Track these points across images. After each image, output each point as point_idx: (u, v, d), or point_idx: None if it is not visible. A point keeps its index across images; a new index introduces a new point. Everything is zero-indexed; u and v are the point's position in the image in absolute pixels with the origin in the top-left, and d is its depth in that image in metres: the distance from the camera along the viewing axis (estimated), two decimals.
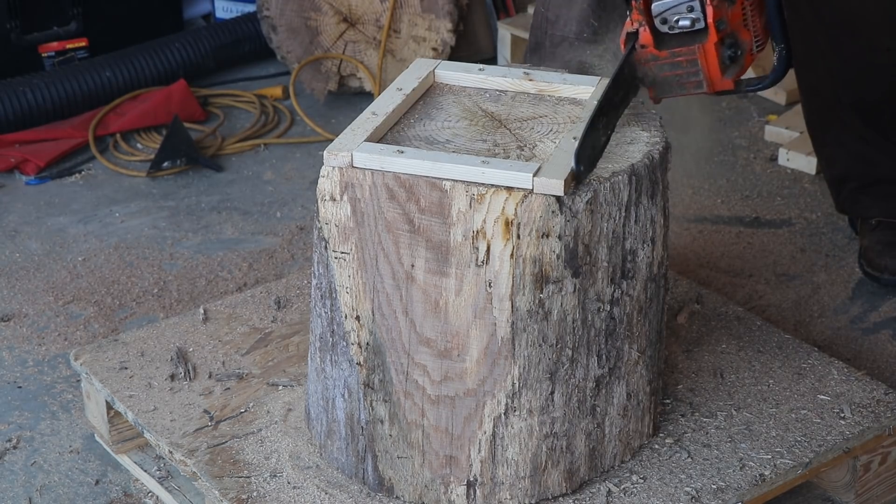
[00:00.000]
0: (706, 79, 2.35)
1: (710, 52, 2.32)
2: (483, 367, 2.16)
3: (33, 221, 3.65)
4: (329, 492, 2.30)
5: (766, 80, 2.40)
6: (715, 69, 2.34)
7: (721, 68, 2.34)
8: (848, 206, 3.29)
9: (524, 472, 2.23)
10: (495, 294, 2.12)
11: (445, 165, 2.09)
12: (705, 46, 2.31)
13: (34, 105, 4.03)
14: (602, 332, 2.21)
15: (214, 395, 2.53)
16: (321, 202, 2.17)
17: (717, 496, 2.27)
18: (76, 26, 4.32)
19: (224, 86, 4.41)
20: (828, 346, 3.00)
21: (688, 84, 2.36)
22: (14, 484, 2.66)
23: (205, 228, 3.59)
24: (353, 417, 2.27)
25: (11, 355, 3.06)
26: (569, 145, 2.15)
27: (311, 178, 3.84)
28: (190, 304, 3.23)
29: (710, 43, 2.31)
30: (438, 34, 4.19)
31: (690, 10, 2.29)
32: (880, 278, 3.22)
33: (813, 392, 2.52)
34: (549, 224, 2.08)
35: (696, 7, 2.29)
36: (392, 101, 2.29)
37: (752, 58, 2.38)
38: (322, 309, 2.26)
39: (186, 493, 2.57)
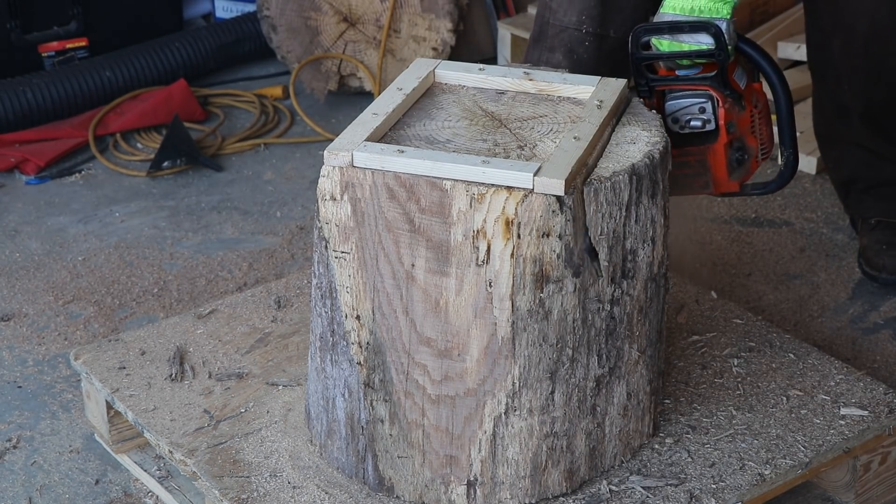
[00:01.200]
0: (713, 179, 2.42)
1: (719, 153, 2.39)
2: (483, 367, 2.16)
3: (33, 221, 3.65)
4: (329, 491, 2.30)
5: (771, 185, 2.47)
6: (722, 171, 2.40)
7: (728, 170, 2.41)
8: (853, 207, 3.30)
9: (524, 471, 2.23)
10: (496, 294, 2.12)
11: (446, 165, 2.09)
12: (714, 147, 2.38)
13: (34, 105, 4.03)
14: (602, 332, 2.21)
15: (214, 395, 2.53)
16: (321, 202, 2.17)
17: (717, 496, 2.27)
18: (76, 26, 4.32)
19: (224, 86, 4.41)
20: (828, 346, 3.01)
21: (695, 183, 2.44)
22: (14, 484, 2.66)
23: (205, 228, 3.59)
24: (353, 417, 2.27)
25: (11, 355, 3.06)
26: (569, 145, 2.15)
27: (311, 178, 3.84)
28: (190, 304, 3.23)
29: (719, 144, 2.38)
30: (438, 34, 4.19)
31: (702, 112, 2.37)
32: (878, 277, 3.22)
33: (813, 392, 2.52)
34: (550, 224, 2.08)
35: (708, 109, 2.36)
36: (392, 100, 2.29)
37: (757, 164, 2.45)
38: (322, 308, 2.26)
39: (186, 493, 2.57)
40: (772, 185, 2.48)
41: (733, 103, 2.39)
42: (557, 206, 2.07)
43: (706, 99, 2.38)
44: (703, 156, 2.41)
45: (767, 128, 2.47)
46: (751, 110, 2.42)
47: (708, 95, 2.38)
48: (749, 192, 2.47)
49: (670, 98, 2.40)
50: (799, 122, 3.92)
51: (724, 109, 2.37)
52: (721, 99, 2.37)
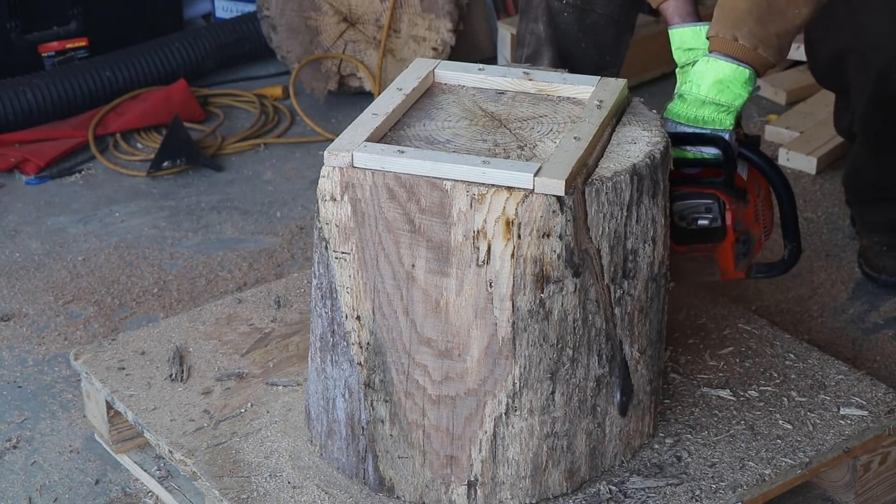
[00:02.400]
0: (720, 271, 2.47)
1: (727, 250, 2.44)
2: (484, 367, 2.16)
3: (33, 221, 3.65)
4: (329, 492, 2.30)
5: (775, 270, 2.54)
6: (729, 264, 2.46)
7: (734, 263, 2.46)
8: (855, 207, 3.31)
9: (525, 471, 2.23)
10: (496, 294, 2.12)
11: (446, 165, 2.09)
12: (722, 246, 2.43)
13: (34, 105, 4.03)
14: (602, 332, 2.21)
15: (214, 395, 2.53)
16: (322, 202, 2.17)
17: (717, 496, 2.27)
18: (76, 26, 4.32)
19: (224, 86, 4.41)
20: (828, 346, 3.00)
21: (702, 274, 2.50)
22: (14, 484, 2.66)
23: (205, 228, 3.59)
24: (353, 417, 2.27)
25: (11, 355, 3.06)
26: (569, 145, 2.15)
27: (311, 178, 3.84)
28: (190, 304, 3.23)
29: (727, 243, 2.42)
30: (438, 34, 4.19)
31: (708, 211, 2.40)
32: (878, 279, 3.22)
33: (813, 392, 2.52)
34: (550, 224, 2.08)
35: (714, 209, 2.40)
36: (392, 101, 2.29)
37: (760, 247, 2.50)
38: (322, 309, 2.26)
39: (186, 493, 2.57)
40: (775, 271, 2.54)
41: (738, 201, 2.43)
42: (558, 206, 2.07)
43: (712, 200, 2.41)
44: (710, 253, 2.46)
45: (769, 211, 2.52)
46: (754, 201, 2.47)
47: (714, 196, 2.41)
48: (754, 275, 2.55)
49: (677, 197, 2.43)
50: (799, 121, 3.93)
51: (731, 211, 2.41)
52: (728, 201, 2.41)
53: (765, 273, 2.55)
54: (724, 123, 2.41)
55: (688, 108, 2.42)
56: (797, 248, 2.51)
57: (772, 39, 2.38)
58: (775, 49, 2.40)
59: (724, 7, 2.41)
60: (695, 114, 2.41)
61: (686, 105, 2.42)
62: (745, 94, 2.40)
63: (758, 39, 2.38)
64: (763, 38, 2.38)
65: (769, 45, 2.38)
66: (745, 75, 2.38)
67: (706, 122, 2.41)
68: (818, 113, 3.94)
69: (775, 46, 2.39)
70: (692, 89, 2.41)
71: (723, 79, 2.38)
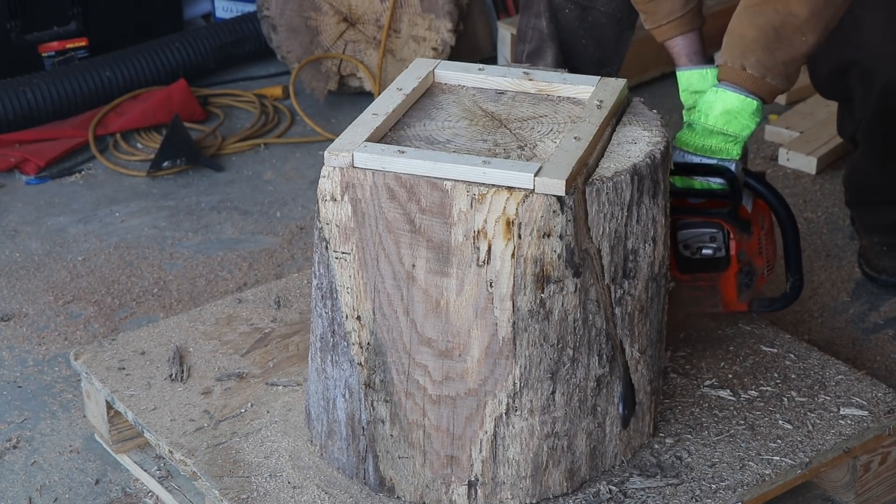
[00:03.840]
0: (723, 302, 2.52)
1: (730, 280, 2.49)
2: (484, 367, 2.16)
3: (33, 221, 3.65)
4: (329, 492, 2.30)
5: (777, 304, 2.58)
6: (732, 295, 2.51)
7: (737, 294, 2.50)
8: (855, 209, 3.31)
9: (525, 471, 2.23)
10: (496, 294, 2.12)
11: (446, 165, 2.09)
12: (726, 275, 2.48)
13: (34, 105, 4.03)
14: (603, 332, 2.21)
15: (214, 395, 2.53)
16: (322, 202, 2.17)
17: (717, 496, 2.27)
18: (76, 26, 4.32)
19: (224, 86, 4.41)
20: (828, 346, 3.00)
21: (705, 304, 2.55)
22: (14, 483, 2.66)
23: (205, 228, 3.59)
24: (353, 417, 2.27)
25: (11, 355, 3.06)
26: (569, 145, 2.15)
27: (311, 178, 3.84)
28: (190, 304, 3.23)
29: (730, 273, 2.47)
30: (438, 34, 4.19)
31: (712, 241, 2.45)
32: (878, 279, 3.23)
33: (813, 392, 2.52)
34: (551, 224, 2.08)
35: (719, 238, 2.44)
36: (392, 101, 2.29)
37: (763, 280, 2.54)
38: (323, 309, 2.26)
39: (186, 493, 2.57)
40: (777, 305, 2.58)
41: (742, 232, 2.46)
42: (558, 206, 2.07)
43: (717, 229, 2.46)
44: (714, 282, 2.51)
45: (772, 245, 2.56)
46: (758, 233, 2.50)
47: (719, 226, 2.45)
48: (756, 309, 2.59)
49: (682, 226, 2.47)
50: (799, 121, 3.93)
51: (735, 241, 2.45)
52: (732, 231, 2.45)
53: (767, 307, 2.59)
54: (731, 153, 2.45)
55: (696, 138, 2.46)
56: (799, 282, 2.54)
57: (779, 68, 2.42)
58: (783, 77, 2.43)
59: (733, 35, 2.44)
60: (703, 143, 2.45)
61: (694, 134, 2.46)
62: (753, 125, 2.44)
63: (765, 68, 2.41)
64: (771, 67, 2.41)
65: (777, 73, 2.42)
66: (753, 107, 2.42)
67: (714, 152, 2.45)
68: (818, 113, 3.94)
69: (783, 74, 2.43)
70: (700, 119, 2.45)
71: (731, 109, 2.42)
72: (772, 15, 2.40)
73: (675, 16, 2.63)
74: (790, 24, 2.40)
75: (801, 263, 2.53)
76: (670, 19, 2.63)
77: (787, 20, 2.40)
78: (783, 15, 2.40)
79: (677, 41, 2.65)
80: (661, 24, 2.64)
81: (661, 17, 2.64)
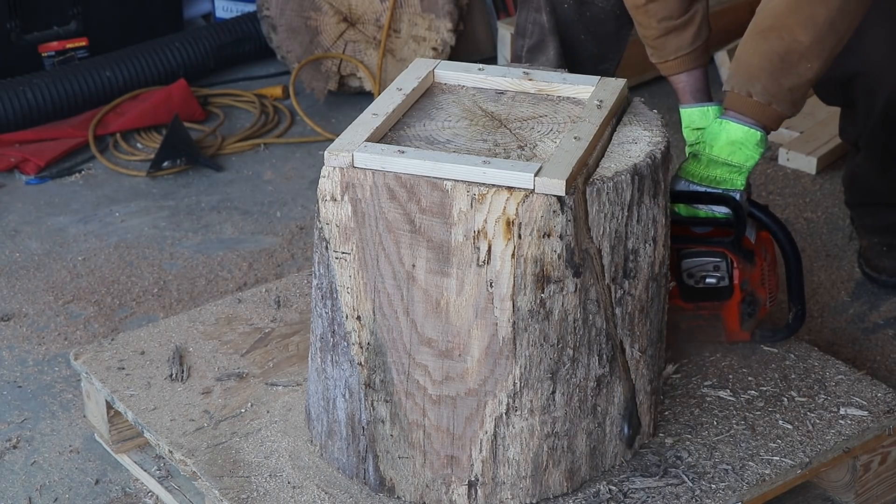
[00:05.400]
0: (725, 331, 2.54)
1: (733, 309, 2.51)
2: (484, 367, 2.16)
3: (33, 221, 3.65)
4: (329, 492, 2.30)
5: (779, 335, 2.61)
6: (735, 324, 2.53)
7: (740, 323, 2.52)
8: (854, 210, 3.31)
9: (525, 471, 2.23)
10: (496, 294, 2.12)
11: (446, 165, 2.09)
12: (728, 304, 2.50)
13: (34, 105, 4.03)
14: (603, 332, 2.21)
15: (214, 395, 2.53)
16: (322, 202, 2.17)
17: (717, 496, 2.27)
18: (76, 26, 4.32)
19: (224, 86, 4.41)
20: (828, 346, 3.00)
21: (707, 333, 2.57)
22: (14, 483, 2.66)
23: (205, 228, 3.59)
24: (353, 417, 2.27)
25: (11, 355, 3.06)
26: (570, 145, 2.15)
27: (311, 178, 3.84)
28: (190, 304, 3.23)
29: (733, 302, 2.49)
30: (438, 34, 4.19)
31: (716, 269, 2.47)
32: (878, 279, 3.23)
33: (813, 392, 2.52)
34: (551, 224, 2.08)
35: (723, 268, 2.46)
36: (392, 101, 2.29)
37: (766, 311, 2.56)
38: (323, 309, 2.26)
39: (186, 493, 2.57)
40: (780, 335, 2.61)
41: (746, 261, 2.48)
42: (558, 206, 2.07)
43: (721, 258, 2.47)
44: (717, 311, 2.53)
45: (775, 277, 2.57)
46: (761, 264, 2.52)
47: (723, 255, 2.47)
48: (758, 339, 2.61)
49: (686, 255, 2.49)
50: (799, 121, 3.93)
51: (738, 270, 2.47)
52: (736, 261, 2.46)
53: (769, 337, 2.61)
54: (735, 184, 2.46)
55: (701, 168, 2.47)
56: (802, 312, 2.56)
57: (785, 94, 2.43)
58: (789, 103, 2.44)
59: (740, 61, 2.46)
60: (707, 173, 2.47)
61: (699, 165, 2.47)
62: (757, 156, 2.45)
63: (771, 95, 2.42)
64: (776, 94, 2.42)
65: (783, 99, 2.43)
66: (757, 137, 2.43)
67: (718, 182, 2.46)
68: (818, 113, 3.93)
69: (789, 101, 2.44)
70: (705, 150, 2.47)
71: (735, 140, 2.43)
72: (776, 42, 2.41)
73: (683, 52, 2.65)
74: (795, 51, 2.41)
75: (804, 294, 2.54)
76: (678, 55, 2.66)
77: (791, 47, 2.40)
78: (788, 42, 2.40)
79: (682, 77, 2.67)
80: (669, 59, 2.67)
81: (669, 52, 2.66)
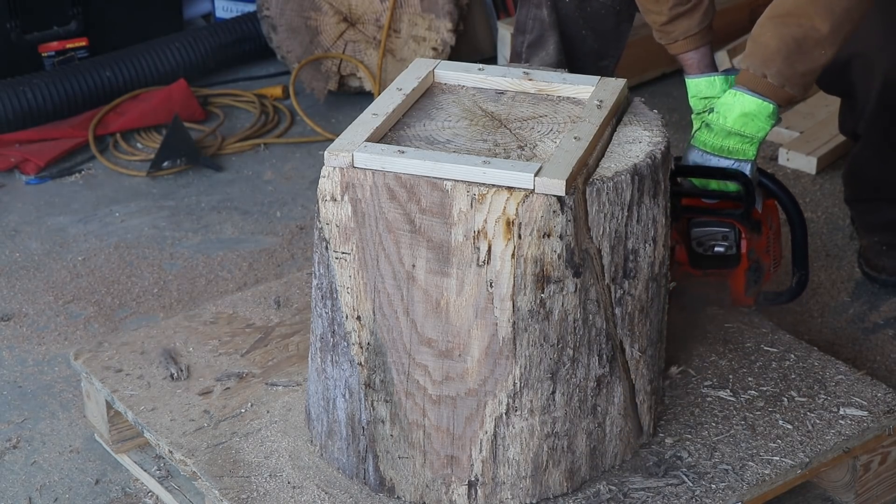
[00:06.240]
0: (730, 297, 2.60)
1: (739, 276, 2.57)
2: (484, 367, 2.16)
3: (33, 221, 3.65)
4: (329, 492, 2.30)
5: (782, 297, 2.67)
6: (740, 290, 2.59)
7: (745, 289, 2.58)
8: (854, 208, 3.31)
9: (525, 471, 2.23)
10: (496, 294, 2.12)
11: (446, 165, 2.09)
12: (735, 272, 2.57)
13: (34, 105, 4.03)
14: (603, 332, 2.21)
15: (214, 395, 2.53)
16: (322, 202, 2.17)
17: (717, 496, 2.27)
18: (76, 26, 4.32)
19: (224, 86, 4.41)
20: (828, 346, 3.00)
21: (714, 300, 2.64)
22: (14, 483, 2.66)
23: (205, 228, 3.59)
24: (353, 418, 2.27)
25: (11, 355, 3.06)
26: (570, 145, 2.15)
27: (311, 178, 3.84)
28: (190, 304, 3.23)
29: (740, 269, 2.55)
30: (438, 34, 4.19)
31: (724, 239, 2.54)
32: (878, 278, 3.23)
33: (813, 392, 2.52)
34: (551, 224, 2.08)
35: (731, 237, 2.53)
36: (392, 101, 2.29)
37: (769, 276, 2.62)
38: (323, 309, 2.26)
39: (186, 493, 2.57)
40: (783, 298, 2.67)
41: (753, 231, 2.54)
42: (558, 206, 2.07)
43: (730, 228, 2.54)
44: (724, 278, 2.59)
45: (779, 244, 2.64)
46: (767, 233, 2.58)
47: (731, 225, 2.54)
48: (762, 303, 2.67)
49: (696, 224, 2.56)
50: (797, 121, 3.93)
51: (746, 240, 2.54)
52: (744, 231, 2.53)
53: (772, 300, 2.67)
54: (747, 154, 2.52)
55: (714, 138, 2.53)
56: (805, 277, 2.62)
57: (798, 78, 2.51)
58: (801, 87, 2.52)
59: (757, 43, 2.52)
60: (721, 143, 2.53)
61: (712, 135, 2.53)
62: (768, 127, 2.52)
63: (785, 78, 2.50)
64: (790, 77, 2.50)
65: (795, 83, 2.51)
66: (769, 110, 2.50)
67: (731, 153, 2.52)
68: (818, 113, 3.94)
69: (801, 84, 2.52)
70: (719, 120, 2.53)
71: (748, 112, 2.50)
72: (795, 28, 2.47)
73: (692, 32, 2.72)
74: (812, 37, 2.47)
75: (807, 259, 2.61)
76: (686, 35, 2.73)
77: (809, 34, 2.47)
78: (806, 28, 2.47)
79: (690, 55, 2.74)
80: (678, 39, 2.74)
81: (679, 34, 2.73)
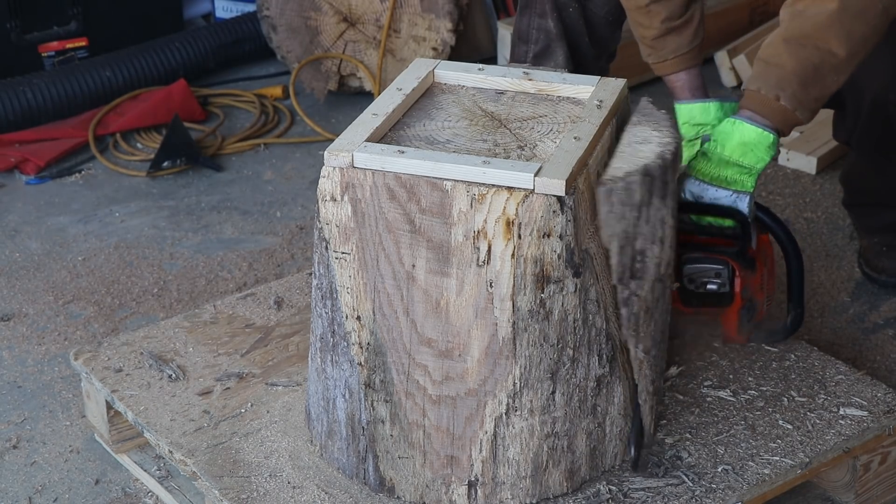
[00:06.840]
0: (723, 334, 2.56)
1: (732, 315, 2.52)
2: (484, 367, 2.16)
3: (33, 221, 3.65)
4: (329, 492, 2.30)
5: (776, 335, 2.62)
6: (733, 329, 2.55)
7: (738, 328, 2.54)
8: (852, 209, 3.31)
9: (525, 471, 2.23)
10: (496, 294, 2.12)
11: (446, 166, 2.09)
12: (728, 311, 2.51)
13: (34, 105, 4.03)
14: (603, 332, 2.21)
15: (214, 395, 2.53)
16: (322, 202, 2.17)
17: (717, 496, 2.27)
18: (76, 26, 4.32)
19: (224, 86, 4.41)
20: (828, 346, 3.00)
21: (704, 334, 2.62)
22: (14, 483, 2.66)
23: (205, 228, 3.59)
24: (353, 418, 2.27)
25: (11, 355, 3.06)
26: (570, 145, 2.15)
27: (311, 178, 3.84)
28: (190, 304, 3.23)
29: (733, 309, 2.50)
30: (438, 34, 4.19)
31: (717, 276, 2.47)
32: (878, 279, 3.23)
33: (813, 392, 2.52)
34: (551, 224, 2.08)
35: (724, 275, 2.46)
36: (392, 101, 2.29)
37: (762, 314, 2.56)
38: (323, 309, 2.26)
39: (186, 493, 2.57)
40: (777, 336, 2.61)
41: (747, 269, 2.48)
42: (558, 206, 2.07)
43: (723, 266, 2.47)
44: (716, 317, 2.54)
45: (772, 280, 2.58)
46: (761, 270, 2.52)
47: (724, 262, 2.47)
48: (755, 341, 2.62)
49: (689, 261, 2.49)
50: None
51: (740, 279, 2.47)
52: (738, 269, 2.46)
53: (766, 339, 2.62)
54: (745, 185, 2.45)
55: (712, 167, 2.46)
56: (800, 315, 2.57)
57: (811, 103, 2.45)
58: (810, 112, 2.47)
59: (769, 63, 2.45)
60: (718, 173, 2.46)
61: (710, 164, 2.46)
62: (768, 158, 2.45)
63: (798, 101, 2.44)
64: (803, 101, 2.44)
65: (807, 107, 2.45)
66: (770, 140, 2.43)
67: (728, 183, 2.45)
68: (818, 113, 3.93)
69: (811, 110, 2.47)
70: (716, 149, 2.45)
71: (748, 141, 2.43)
72: (812, 51, 2.42)
73: (682, 52, 2.68)
74: (828, 62, 2.42)
75: (803, 297, 2.55)
76: (677, 55, 2.68)
77: (826, 59, 2.42)
78: (823, 53, 2.42)
79: (680, 76, 2.70)
80: (667, 59, 2.69)
81: (668, 52, 2.69)
